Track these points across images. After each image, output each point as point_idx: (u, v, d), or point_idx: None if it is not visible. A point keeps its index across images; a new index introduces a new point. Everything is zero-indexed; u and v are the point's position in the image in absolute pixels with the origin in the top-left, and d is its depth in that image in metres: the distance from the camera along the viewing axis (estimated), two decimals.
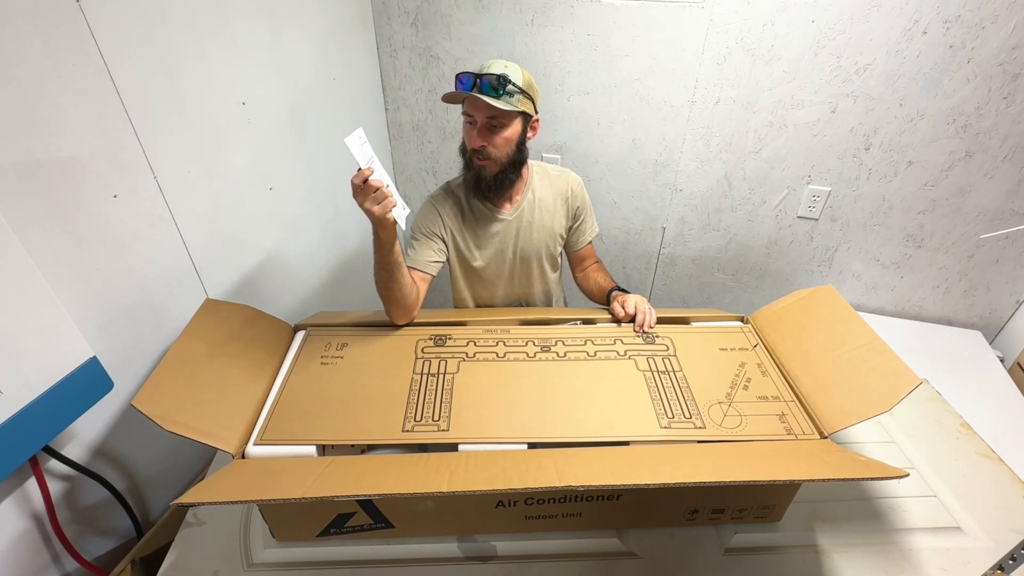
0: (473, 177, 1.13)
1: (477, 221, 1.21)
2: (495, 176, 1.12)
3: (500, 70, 1.02)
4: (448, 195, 1.21)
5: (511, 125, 1.08)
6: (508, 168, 1.12)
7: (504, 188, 1.16)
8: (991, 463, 1.01)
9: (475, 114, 1.06)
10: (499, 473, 0.70)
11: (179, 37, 1.01)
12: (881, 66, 1.40)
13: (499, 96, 1.02)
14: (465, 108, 1.07)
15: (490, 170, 1.11)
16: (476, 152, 1.09)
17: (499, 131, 1.07)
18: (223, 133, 1.15)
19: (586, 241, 1.30)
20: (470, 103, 1.05)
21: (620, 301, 1.10)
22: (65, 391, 0.81)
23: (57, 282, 0.84)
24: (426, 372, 0.95)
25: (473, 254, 1.22)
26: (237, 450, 0.80)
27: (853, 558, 0.84)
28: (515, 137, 1.10)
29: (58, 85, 0.82)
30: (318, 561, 0.84)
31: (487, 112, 1.04)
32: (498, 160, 1.10)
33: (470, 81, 1.02)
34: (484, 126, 1.06)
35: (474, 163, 1.11)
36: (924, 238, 1.61)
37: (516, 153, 1.12)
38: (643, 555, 0.84)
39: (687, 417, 0.87)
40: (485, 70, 1.02)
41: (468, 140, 1.10)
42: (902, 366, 0.81)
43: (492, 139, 1.07)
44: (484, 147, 1.07)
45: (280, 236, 1.39)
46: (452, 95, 1.05)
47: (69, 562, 0.93)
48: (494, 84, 1.01)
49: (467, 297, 1.30)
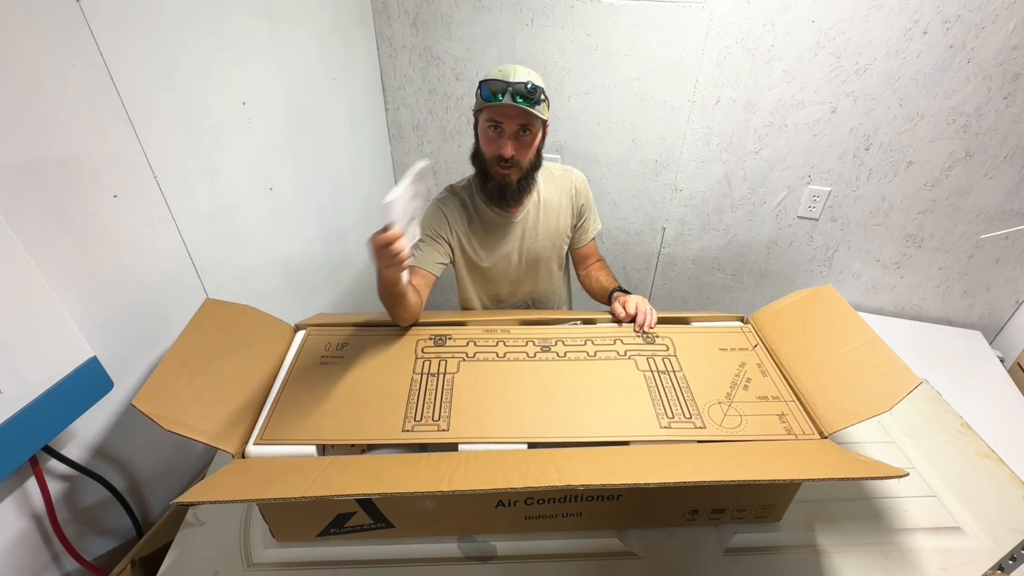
0: (496, 187, 1.12)
1: (483, 224, 1.21)
2: (518, 182, 1.12)
3: (525, 77, 1.02)
4: (454, 197, 1.21)
5: (537, 133, 1.09)
6: (530, 173, 1.13)
7: (525, 193, 1.17)
8: (991, 463, 1.01)
9: (505, 122, 1.05)
10: (499, 473, 0.70)
11: (179, 37, 1.01)
12: (881, 66, 1.40)
13: (533, 105, 1.02)
14: (492, 116, 1.05)
15: (514, 177, 1.11)
16: (503, 161, 1.08)
17: (528, 139, 1.08)
18: (223, 133, 1.15)
19: (588, 239, 1.30)
20: (502, 111, 1.04)
21: (621, 302, 1.10)
22: (65, 391, 0.81)
23: (57, 282, 0.84)
24: (426, 372, 0.95)
25: (479, 255, 1.23)
26: (237, 450, 0.80)
27: (853, 558, 0.84)
28: (538, 144, 1.12)
29: (58, 85, 0.82)
30: (318, 561, 0.84)
31: (520, 120, 1.04)
32: (523, 167, 1.10)
33: (502, 88, 1.01)
34: (514, 134, 1.06)
35: (496, 171, 1.10)
36: (924, 238, 1.61)
37: (536, 159, 1.14)
38: (643, 555, 0.84)
39: (687, 417, 0.87)
40: (510, 77, 1.02)
41: (494, 148, 1.08)
42: (902, 366, 0.81)
43: (521, 148, 1.08)
44: (513, 155, 1.07)
45: (280, 236, 1.39)
46: (483, 105, 1.05)
47: (69, 562, 0.93)
48: (526, 93, 1.01)
49: (473, 296, 1.30)
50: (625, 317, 1.08)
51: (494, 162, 1.09)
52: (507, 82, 1.01)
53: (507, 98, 1.01)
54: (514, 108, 1.01)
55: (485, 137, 1.10)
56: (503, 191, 1.12)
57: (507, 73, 1.03)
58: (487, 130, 1.08)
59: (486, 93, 1.03)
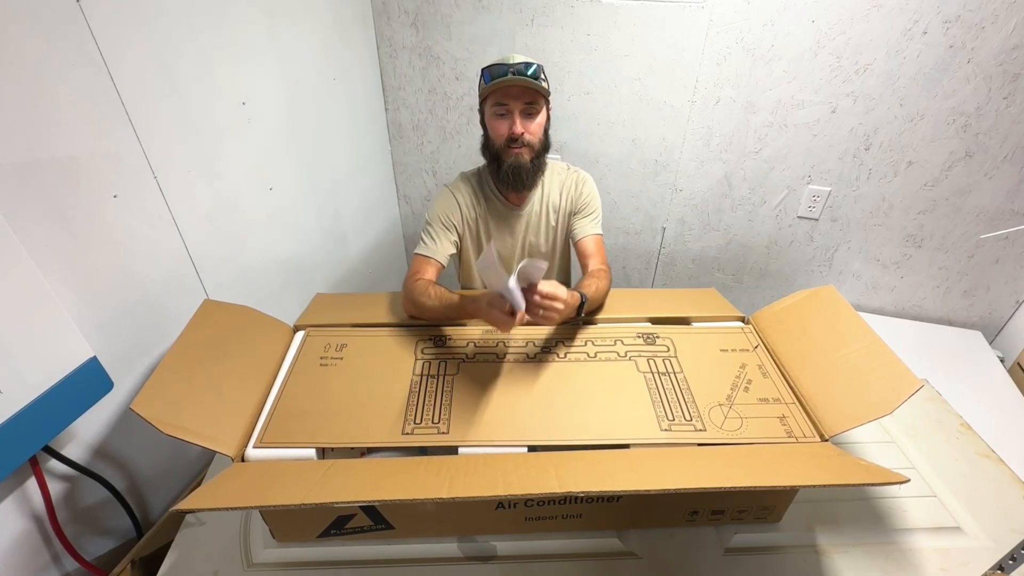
0: (511, 168, 1.12)
1: (490, 212, 1.23)
2: (531, 162, 1.13)
3: (524, 59, 1.06)
4: (465, 183, 1.23)
5: (543, 110, 1.11)
6: (541, 153, 1.14)
7: (538, 174, 1.17)
8: (991, 463, 1.01)
9: (512, 102, 1.07)
10: (499, 478, 0.70)
11: (179, 37, 1.01)
12: (881, 66, 1.40)
13: (536, 79, 1.05)
14: (498, 99, 1.08)
15: (527, 156, 1.12)
16: (513, 141, 1.09)
17: (534, 117, 1.10)
18: (223, 133, 1.15)
19: (580, 235, 1.22)
20: (504, 92, 1.06)
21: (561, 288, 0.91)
22: (65, 391, 0.81)
23: (57, 282, 0.84)
24: (426, 373, 0.95)
25: (482, 240, 1.24)
26: (237, 453, 0.80)
27: (853, 558, 0.84)
28: (544, 123, 1.14)
29: (58, 85, 0.81)
30: (318, 561, 0.84)
31: (525, 98, 1.07)
32: (534, 146, 1.12)
33: (503, 71, 1.04)
34: (521, 112, 1.08)
35: (509, 153, 1.11)
36: (924, 238, 1.61)
37: (545, 139, 1.15)
38: (643, 555, 0.84)
39: (688, 419, 0.87)
40: (509, 61, 1.05)
41: (504, 129, 1.10)
42: (903, 368, 0.81)
43: (529, 125, 1.10)
44: (523, 133, 1.09)
45: (280, 236, 1.39)
46: (488, 87, 1.06)
47: (69, 562, 0.93)
48: (525, 71, 1.04)
49: (476, 276, 1.31)
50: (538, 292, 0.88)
51: (505, 145, 1.11)
52: (508, 64, 1.05)
53: (509, 75, 1.04)
54: (518, 83, 1.04)
55: (493, 122, 1.11)
56: (518, 172, 1.12)
57: (507, 59, 1.07)
58: (494, 115, 1.10)
59: (488, 77, 1.06)
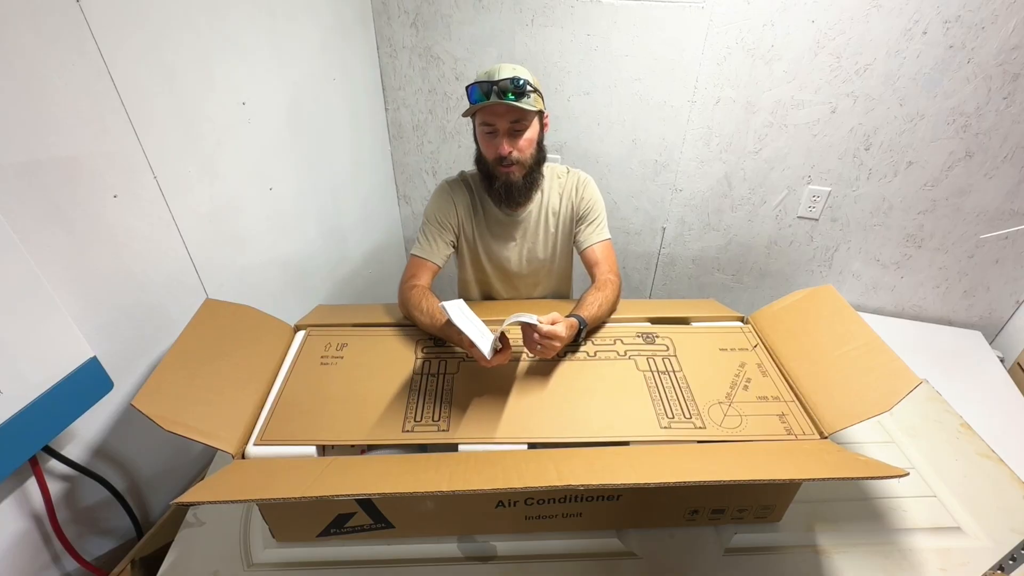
0: (502, 187, 1.11)
1: (487, 218, 1.21)
2: (524, 179, 1.11)
3: (510, 73, 1.01)
4: (463, 185, 1.21)
5: (532, 125, 1.08)
6: (534, 168, 1.12)
7: (532, 189, 1.15)
8: (991, 463, 1.01)
9: (497, 122, 1.04)
10: (499, 473, 0.70)
11: (179, 37, 1.01)
12: (881, 66, 1.40)
13: (520, 98, 1.01)
14: (484, 118, 1.05)
15: (518, 174, 1.10)
16: (502, 160, 1.07)
17: (522, 134, 1.07)
18: (223, 133, 1.15)
19: (585, 244, 1.21)
20: (490, 112, 1.03)
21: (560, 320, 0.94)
22: (65, 391, 0.81)
23: (57, 282, 0.84)
24: (426, 372, 0.95)
25: (478, 247, 1.23)
26: (237, 450, 0.80)
27: (853, 558, 0.84)
28: (536, 137, 1.10)
29: (58, 85, 0.82)
30: (318, 561, 0.84)
31: (510, 117, 1.03)
32: (524, 163, 1.09)
33: (487, 89, 1.01)
34: (508, 132, 1.05)
35: (499, 172, 1.09)
36: (924, 238, 1.61)
37: (538, 152, 1.12)
38: (643, 555, 0.84)
39: (687, 417, 0.87)
40: (495, 76, 1.01)
41: (491, 149, 1.08)
42: (902, 366, 0.81)
43: (517, 143, 1.07)
44: (511, 152, 1.06)
45: (280, 236, 1.39)
46: (471, 108, 1.04)
47: (69, 562, 0.93)
48: (510, 88, 1.00)
49: (471, 280, 1.30)
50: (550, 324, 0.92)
51: (496, 163, 1.09)
52: (491, 82, 1.01)
53: (493, 97, 1.01)
54: (501, 106, 1.01)
55: (482, 140, 1.10)
56: (509, 190, 1.12)
57: (492, 73, 1.03)
58: (483, 133, 1.09)
59: (474, 96, 1.03)
